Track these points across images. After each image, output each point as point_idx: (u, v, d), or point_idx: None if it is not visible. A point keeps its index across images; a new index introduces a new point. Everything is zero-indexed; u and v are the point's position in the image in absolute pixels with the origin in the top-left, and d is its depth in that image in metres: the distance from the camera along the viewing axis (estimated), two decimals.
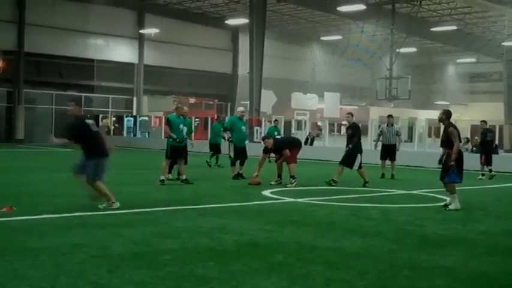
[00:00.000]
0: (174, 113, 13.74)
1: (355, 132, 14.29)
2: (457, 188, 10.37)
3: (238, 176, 14.81)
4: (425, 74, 50.97)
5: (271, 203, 10.69)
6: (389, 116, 17.42)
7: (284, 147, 13.68)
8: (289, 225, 8.24)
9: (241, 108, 15.97)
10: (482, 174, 17.57)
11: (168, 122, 13.51)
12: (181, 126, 13.46)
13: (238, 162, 15.04)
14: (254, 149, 17.50)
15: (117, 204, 9.19)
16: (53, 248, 6.32)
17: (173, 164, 14.25)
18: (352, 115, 14.76)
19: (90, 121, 9.67)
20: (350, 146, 14.11)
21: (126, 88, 41.01)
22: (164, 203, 10.08)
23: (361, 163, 14.13)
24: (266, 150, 14.14)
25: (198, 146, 16.71)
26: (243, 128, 15.43)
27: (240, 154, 15.11)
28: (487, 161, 17.70)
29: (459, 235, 7.87)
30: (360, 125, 15.15)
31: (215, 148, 20.01)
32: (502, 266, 6.32)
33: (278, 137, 15.12)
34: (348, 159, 14.13)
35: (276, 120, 23.84)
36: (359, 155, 14.08)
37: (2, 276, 5.22)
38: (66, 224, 7.80)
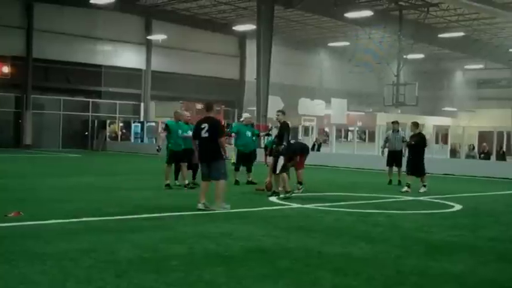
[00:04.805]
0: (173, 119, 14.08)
1: (284, 131, 12.41)
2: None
3: (247, 183, 14.84)
4: (432, 80, 50.95)
5: (278, 209, 10.67)
6: (395, 122, 17.33)
7: (297, 153, 13.65)
8: (296, 231, 8.23)
9: (245, 115, 16.32)
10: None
11: (167, 127, 13.81)
12: (179, 131, 13.69)
13: (243, 168, 15.23)
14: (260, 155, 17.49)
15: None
16: (60, 253, 6.33)
17: (179, 170, 14.32)
18: (283, 113, 12.72)
19: None
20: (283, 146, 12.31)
21: (134, 94, 41.12)
22: (171, 209, 10.10)
23: (284, 167, 12.26)
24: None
25: None
26: (248, 133, 15.47)
27: (245, 160, 15.23)
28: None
29: (467, 242, 7.82)
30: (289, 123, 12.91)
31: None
32: (511, 273, 6.29)
33: (292, 141, 15.06)
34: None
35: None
36: (281, 158, 12.23)
37: (10, 281, 5.23)
38: (74, 229, 7.81)
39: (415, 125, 15.07)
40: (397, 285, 5.50)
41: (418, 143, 14.60)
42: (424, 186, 14.45)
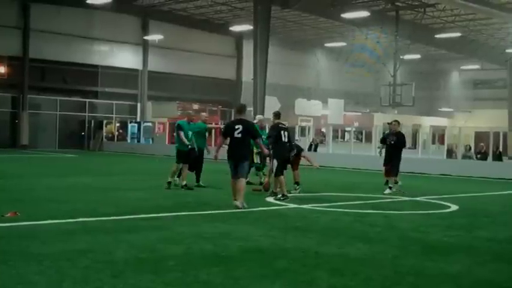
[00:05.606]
0: (185, 119, 14.20)
1: (270, 133, 12.52)
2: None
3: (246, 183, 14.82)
4: (429, 81, 51.11)
5: (275, 209, 10.67)
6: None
7: (301, 153, 13.70)
8: (293, 231, 8.22)
9: (259, 116, 16.31)
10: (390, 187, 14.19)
11: (180, 127, 13.81)
12: (189, 133, 13.81)
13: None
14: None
15: None
16: (57, 253, 6.32)
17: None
18: (274, 115, 12.78)
19: None
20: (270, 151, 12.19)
21: (130, 94, 41.07)
22: (168, 209, 10.08)
23: (279, 170, 12.08)
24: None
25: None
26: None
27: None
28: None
29: (464, 242, 7.83)
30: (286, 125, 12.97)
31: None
32: (508, 273, 6.30)
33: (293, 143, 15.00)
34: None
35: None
36: (275, 160, 12.18)
37: (6, 282, 5.22)
38: (71, 230, 7.80)
39: (399, 123, 14.92)
40: (394, 286, 5.50)
41: (396, 143, 14.42)
42: (390, 188, 14.08)
